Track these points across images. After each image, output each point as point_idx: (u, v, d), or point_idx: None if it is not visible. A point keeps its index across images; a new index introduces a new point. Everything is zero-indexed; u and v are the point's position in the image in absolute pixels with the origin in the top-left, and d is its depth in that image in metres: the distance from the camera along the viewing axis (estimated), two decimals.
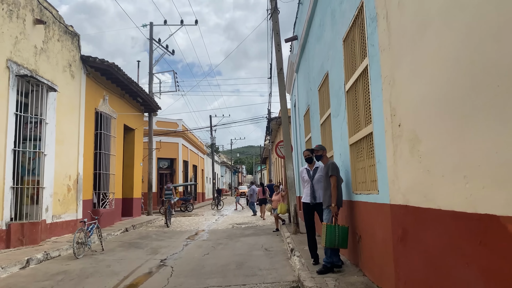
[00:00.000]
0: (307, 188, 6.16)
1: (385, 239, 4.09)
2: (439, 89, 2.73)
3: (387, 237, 4.02)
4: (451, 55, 2.56)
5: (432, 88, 2.82)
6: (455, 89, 2.52)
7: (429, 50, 2.86)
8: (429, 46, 2.85)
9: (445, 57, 2.64)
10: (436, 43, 2.75)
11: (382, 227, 4.20)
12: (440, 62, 2.71)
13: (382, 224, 4.20)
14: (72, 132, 11.53)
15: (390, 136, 3.78)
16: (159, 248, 9.66)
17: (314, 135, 9.08)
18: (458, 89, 2.49)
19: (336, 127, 6.51)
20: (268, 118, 24.89)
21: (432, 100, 2.85)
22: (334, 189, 5.45)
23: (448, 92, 2.61)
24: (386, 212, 4.00)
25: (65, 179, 10.99)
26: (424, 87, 2.96)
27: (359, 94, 5.07)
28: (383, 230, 4.15)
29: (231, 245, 9.73)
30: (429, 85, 2.87)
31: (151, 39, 19.91)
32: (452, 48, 2.55)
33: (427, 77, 2.90)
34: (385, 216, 4.04)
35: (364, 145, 4.92)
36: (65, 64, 11.15)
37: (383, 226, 4.14)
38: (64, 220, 10.81)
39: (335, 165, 5.61)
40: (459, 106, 2.48)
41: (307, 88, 9.97)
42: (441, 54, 2.69)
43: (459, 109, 2.48)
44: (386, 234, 4.05)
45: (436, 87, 2.77)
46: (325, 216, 5.61)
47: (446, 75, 2.63)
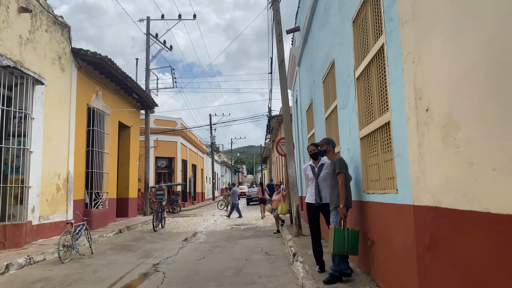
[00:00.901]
0: (312, 187, 5.55)
1: (406, 246, 3.48)
2: (490, 59, 2.12)
3: (408, 244, 3.41)
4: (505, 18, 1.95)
5: (480, 59, 2.21)
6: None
7: (475, 9, 2.25)
8: (475, 3, 2.24)
9: (496, 17, 2.03)
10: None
11: (401, 232, 3.59)
12: (490, 24, 2.10)
13: (401, 229, 3.59)
14: (62, 128, 10.92)
15: (414, 124, 3.17)
16: (152, 251, 9.06)
17: (318, 130, 8.47)
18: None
19: (343, 119, 5.90)
20: (269, 116, 24.28)
21: (478, 74, 2.24)
22: (342, 188, 4.85)
23: (504, 62, 2.00)
24: (408, 214, 3.39)
25: (54, 178, 10.39)
26: (467, 59, 2.35)
27: (372, 80, 4.45)
28: (403, 235, 3.54)
29: (229, 248, 9.12)
30: (475, 54, 2.26)
31: (148, 33, 19.31)
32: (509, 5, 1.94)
33: (472, 45, 2.29)
34: (406, 219, 3.43)
35: (378, 137, 4.31)
36: (54, 57, 10.54)
37: (403, 231, 3.53)
38: (52, 221, 10.20)
39: (343, 161, 5.00)
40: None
41: (310, 81, 9.36)
42: (490, 14, 2.08)
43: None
44: (407, 240, 3.44)
45: (485, 57, 2.16)
46: (333, 218, 5.00)
47: (502, 40, 2.02)
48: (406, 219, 3.44)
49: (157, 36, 19.82)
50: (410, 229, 3.35)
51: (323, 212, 5.48)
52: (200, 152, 38.54)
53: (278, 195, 11.74)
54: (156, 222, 13.00)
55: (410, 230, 3.36)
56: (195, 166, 35.75)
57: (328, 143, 5.28)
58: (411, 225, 3.32)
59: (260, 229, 12.98)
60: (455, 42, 2.49)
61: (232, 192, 18.77)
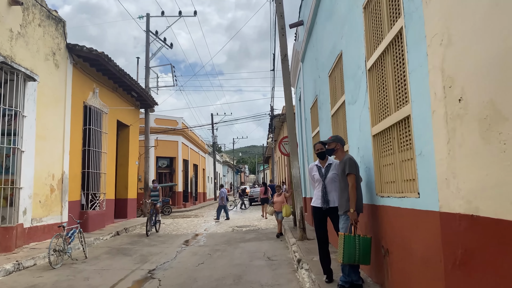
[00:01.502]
0: (318, 189, 5.09)
1: (430, 258, 3.02)
2: None
3: (433, 256, 2.96)
4: None
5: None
6: None
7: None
8: None
9: None
10: None
11: (424, 241, 3.14)
12: None
13: (424, 238, 3.13)
14: (57, 127, 10.50)
15: (441, 117, 2.72)
16: (149, 256, 8.63)
17: (323, 128, 8.02)
18: None
19: (352, 116, 5.44)
20: (271, 115, 23.82)
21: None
22: (352, 190, 4.39)
23: None
24: (433, 222, 2.93)
25: (47, 178, 9.97)
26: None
27: (386, 70, 3.99)
28: (426, 246, 3.09)
29: (229, 252, 8.68)
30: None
31: (148, 31, 18.89)
32: None
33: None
34: (431, 228, 2.97)
35: (395, 134, 3.85)
36: (47, 52, 10.12)
37: (426, 241, 3.08)
38: (46, 223, 9.78)
39: (353, 160, 4.54)
40: None
41: (314, 76, 8.90)
42: None
43: None
44: (431, 252, 2.99)
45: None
46: (342, 224, 4.54)
47: None
48: (431, 227, 2.98)
49: (157, 33, 19.39)
50: (436, 239, 2.89)
51: (330, 216, 5.03)
52: (201, 152, 38.12)
53: (280, 196, 11.19)
54: (149, 225, 11.88)
55: (435, 240, 2.90)
56: (197, 166, 35.34)
57: (337, 141, 4.82)
58: (437, 235, 2.86)
59: (262, 231, 12.53)
60: (499, 12, 2.03)
61: (220, 193, 18.26)
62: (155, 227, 12.49)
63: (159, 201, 13.15)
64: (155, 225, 12.47)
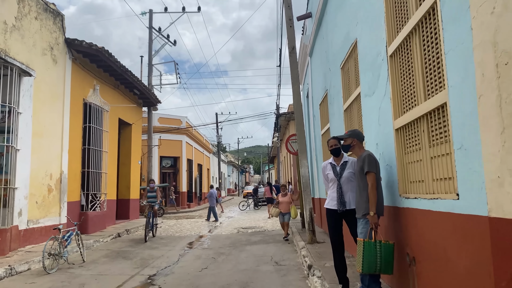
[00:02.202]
0: (333, 189, 4.61)
1: (474, 271, 2.54)
2: None
3: (479, 269, 2.48)
4: None
5: None
6: None
7: None
8: None
9: None
10: None
11: (466, 251, 2.65)
12: None
13: (466, 247, 2.65)
14: (55, 125, 10.09)
15: (492, 101, 2.24)
16: (150, 259, 8.19)
17: (335, 124, 7.53)
18: None
19: (370, 109, 4.96)
20: (277, 114, 23.33)
21: None
22: (373, 191, 3.91)
23: None
24: (479, 229, 2.45)
25: (45, 178, 9.55)
26: None
27: (413, 54, 3.51)
28: (469, 256, 2.60)
29: (234, 256, 8.22)
30: None
31: (150, 27, 18.48)
32: None
33: None
34: (476, 235, 2.49)
35: (424, 126, 3.36)
36: (45, 47, 9.71)
37: (470, 250, 2.60)
38: (43, 225, 9.37)
39: (373, 157, 4.06)
40: None
41: (324, 70, 8.42)
42: None
43: None
44: (477, 264, 2.50)
45: None
46: (361, 228, 4.06)
47: None
48: (475, 235, 2.49)
49: (160, 30, 18.98)
50: (483, 249, 2.41)
51: (347, 220, 4.54)
52: (206, 152, 37.71)
53: (286, 196, 10.41)
54: (147, 229, 10.79)
55: (482, 250, 2.42)
56: (201, 166, 34.92)
57: (353, 136, 4.34)
58: (485, 244, 2.38)
59: (268, 233, 12.06)
60: None
61: (209, 194, 18.02)
62: (152, 231, 11.42)
63: (157, 202, 11.79)
64: (152, 229, 11.39)
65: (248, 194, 44.17)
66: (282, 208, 10.26)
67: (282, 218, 10.29)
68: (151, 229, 11.23)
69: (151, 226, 11.15)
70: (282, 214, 10.26)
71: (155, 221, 11.62)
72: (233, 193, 67.59)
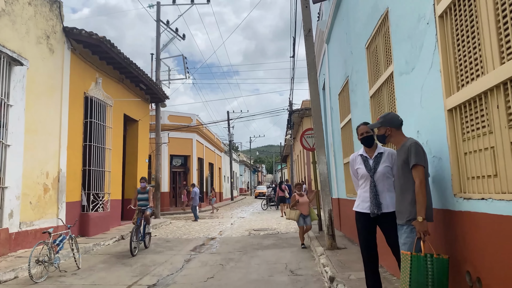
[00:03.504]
0: (365, 188, 3.72)
1: None
2: None
3: None
4: None
5: None
6: None
7: None
8: None
9: None
10: None
11: None
12: None
13: None
14: (52, 119, 9.38)
15: None
16: (152, 266, 7.40)
17: (358, 114, 6.62)
18: None
19: (407, 89, 4.05)
20: (290, 110, 22.41)
21: None
22: (422, 189, 3.02)
23: None
24: None
25: (40, 176, 8.84)
26: None
27: (479, 8, 2.60)
28: None
29: (245, 263, 7.37)
30: None
31: (158, 20, 17.76)
32: None
33: None
34: None
35: (498, 101, 2.45)
36: (40, 35, 9.00)
37: None
38: (38, 227, 8.65)
39: (420, 147, 3.16)
40: None
41: (345, 55, 7.51)
42: None
43: None
44: None
45: None
46: (404, 238, 3.16)
47: None
48: None
49: (168, 23, 18.24)
50: None
51: (383, 226, 3.64)
52: (217, 150, 36.97)
53: (303, 197, 9.16)
54: (135, 240, 8.50)
55: None
56: (212, 165, 34.17)
57: (386, 124, 3.41)
58: None
59: (282, 235, 11.18)
60: None
61: (193, 193, 17.65)
62: (144, 242, 9.26)
63: (149, 206, 9.34)
64: (144, 239, 9.22)
65: (260, 194, 43.33)
66: (304, 210, 8.89)
67: (302, 221, 8.85)
68: (142, 239, 9.12)
69: (141, 236, 9.06)
70: (303, 217, 8.84)
71: (148, 229, 9.50)
72: (245, 193, 66.87)
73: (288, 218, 9.13)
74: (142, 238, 9.13)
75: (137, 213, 9.03)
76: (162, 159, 23.39)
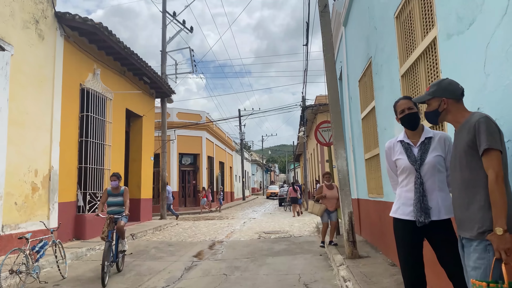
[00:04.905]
0: (407, 186, 2.72)
1: None
2: None
3: None
4: None
5: None
6: None
7: None
8: None
9: None
10: None
11: None
12: None
13: None
14: (42, 112, 8.58)
15: None
16: (147, 275, 6.52)
17: (384, 99, 5.60)
18: None
19: (461, 53, 3.04)
20: (303, 106, 21.36)
21: None
22: (499, 186, 2.03)
23: None
24: None
25: (27, 174, 8.04)
26: None
27: None
28: None
29: (251, 273, 6.42)
30: None
31: (164, 11, 16.92)
32: None
33: None
34: None
35: None
36: (27, 19, 8.19)
37: None
38: (25, 230, 7.82)
39: (492, 123, 2.15)
40: None
41: (367, 33, 6.50)
42: None
43: None
44: None
45: None
46: (475, 260, 2.13)
47: None
48: None
49: (174, 14, 17.40)
50: None
51: (433, 239, 2.63)
52: (228, 149, 36.10)
53: (334, 190, 7.92)
54: (107, 264, 5.95)
55: None
56: (223, 164, 33.31)
57: (440, 92, 2.38)
58: None
59: (295, 239, 10.19)
60: None
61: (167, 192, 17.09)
62: (117, 264, 6.69)
63: (124, 214, 6.65)
64: (117, 259, 6.61)
65: (272, 195, 42.20)
66: (330, 205, 7.85)
67: (327, 216, 7.89)
68: (114, 260, 6.46)
69: (113, 257, 6.38)
70: (329, 212, 7.87)
71: (122, 245, 6.76)
72: (258, 192, 65.94)
73: (310, 211, 8.15)
74: (114, 259, 6.48)
75: (107, 223, 6.41)
76: (170, 157, 22.66)
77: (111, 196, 6.87)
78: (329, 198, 7.83)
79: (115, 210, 6.76)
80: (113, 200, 6.83)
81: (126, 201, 6.81)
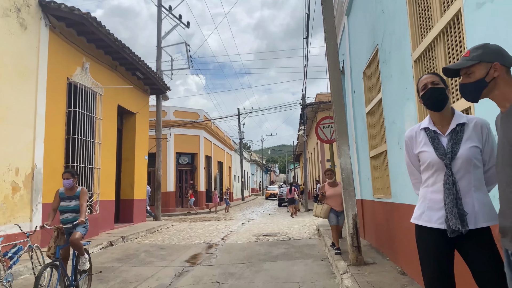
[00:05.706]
0: (434, 186, 2.16)
1: None
2: None
3: None
4: None
5: None
6: None
7: None
8: None
9: None
10: None
11: None
12: None
13: None
14: (24, 107, 8.02)
15: None
16: (133, 282, 5.98)
17: (392, 90, 5.05)
18: None
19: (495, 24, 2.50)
20: (303, 104, 20.81)
21: None
22: None
23: None
24: None
25: (6, 173, 7.49)
26: None
27: None
28: None
29: (247, 281, 5.87)
30: None
31: (160, 5, 16.38)
32: None
33: None
34: None
35: None
36: (7, 6, 7.64)
37: None
38: (4, 233, 7.28)
39: None
40: None
41: (373, 19, 5.96)
42: None
43: None
44: None
45: None
46: None
47: None
48: None
49: (170, 8, 16.86)
50: None
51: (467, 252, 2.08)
52: (227, 149, 35.54)
53: (338, 187, 7.03)
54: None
55: None
56: (221, 164, 32.75)
57: (488, 56, 1.80)
58: None
59: (294, 242, 9.63)
60: None
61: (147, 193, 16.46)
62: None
63: (78, 222, 4.77)
64: (75, 283, 4.85)
65: (271, 195, 41.59)
66: (336, 205, 6.94)
67: (335, 219, 6.99)
68: (71, 284, 4.75)
69: (68, 280, 4.71)
70: (335, 214, 7.00)
71: (82, 264, 4.98)
72: (257, 193, 65.38)
73: (315, 215, 7.31)
74: (71, 283, 4.76)
75: (55, 236, 4.72)
76: (167, 156, 22.11)
77: (64, 199, 5.09)
78: (331, 196, 7.07)
79: (69, 218, 5.00)
80: (66, 204, 5.05)
81: (83, 205, 5.03)
